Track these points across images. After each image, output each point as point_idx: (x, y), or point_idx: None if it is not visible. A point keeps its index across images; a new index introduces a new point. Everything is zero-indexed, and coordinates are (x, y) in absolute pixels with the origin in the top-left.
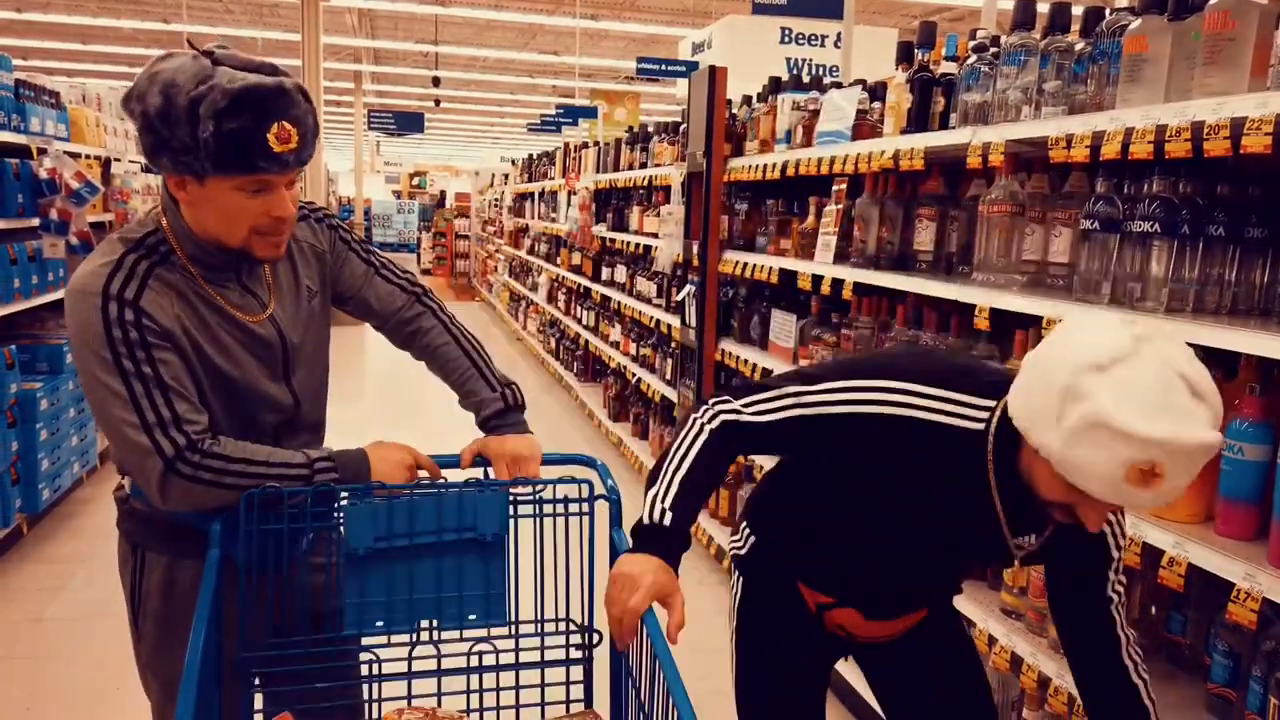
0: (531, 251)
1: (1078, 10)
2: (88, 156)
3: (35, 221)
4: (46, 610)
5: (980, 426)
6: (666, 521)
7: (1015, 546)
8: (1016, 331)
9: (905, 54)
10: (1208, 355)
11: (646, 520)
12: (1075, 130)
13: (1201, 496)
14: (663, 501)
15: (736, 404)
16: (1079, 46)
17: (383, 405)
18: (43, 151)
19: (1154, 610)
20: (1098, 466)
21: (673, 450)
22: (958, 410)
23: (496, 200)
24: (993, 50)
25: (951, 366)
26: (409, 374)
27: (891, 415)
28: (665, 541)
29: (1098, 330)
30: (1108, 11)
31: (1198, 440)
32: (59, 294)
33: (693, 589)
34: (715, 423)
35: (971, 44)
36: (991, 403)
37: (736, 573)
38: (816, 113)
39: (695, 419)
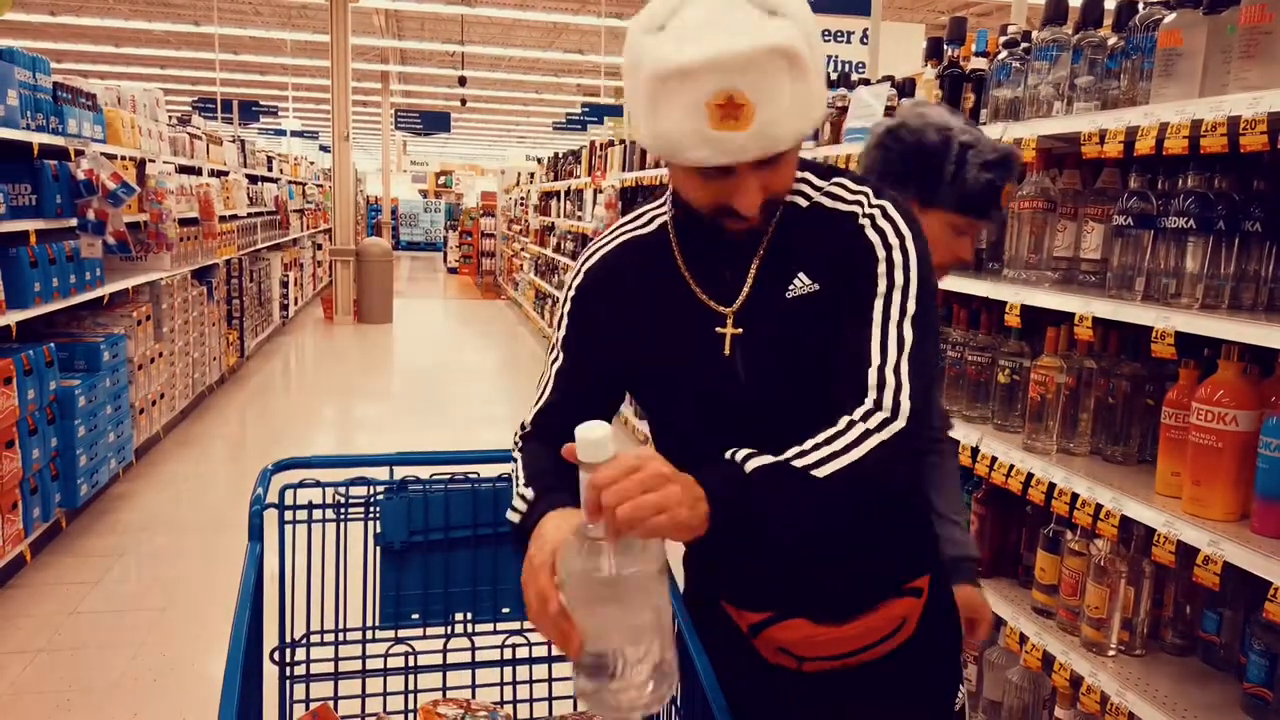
0: (558, 250)
1: (1110, 4)
2: (123, 158)
3: (73, 222)
4: (84, 603)
5: (664, 215)
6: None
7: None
8: (1048, 328)
9: (934, 50)
10: (1244, 352)
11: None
12: (1108, 125)
13: (1238, 494)
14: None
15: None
16: (1112, 41)
17: (412, 403)
18: (80, 153)
19: (1189, 609)
20: (682, 126)
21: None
22: (638, 220)
23: (522, 199)
24: (1024, 45)
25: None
26: (436, 373)
27: (590, 266)
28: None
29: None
30: (1141, 5)
31: (737, 43)
32: (96, 293)
33: None
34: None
35: (1002, 39)
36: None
37: None
38: (844, 109)
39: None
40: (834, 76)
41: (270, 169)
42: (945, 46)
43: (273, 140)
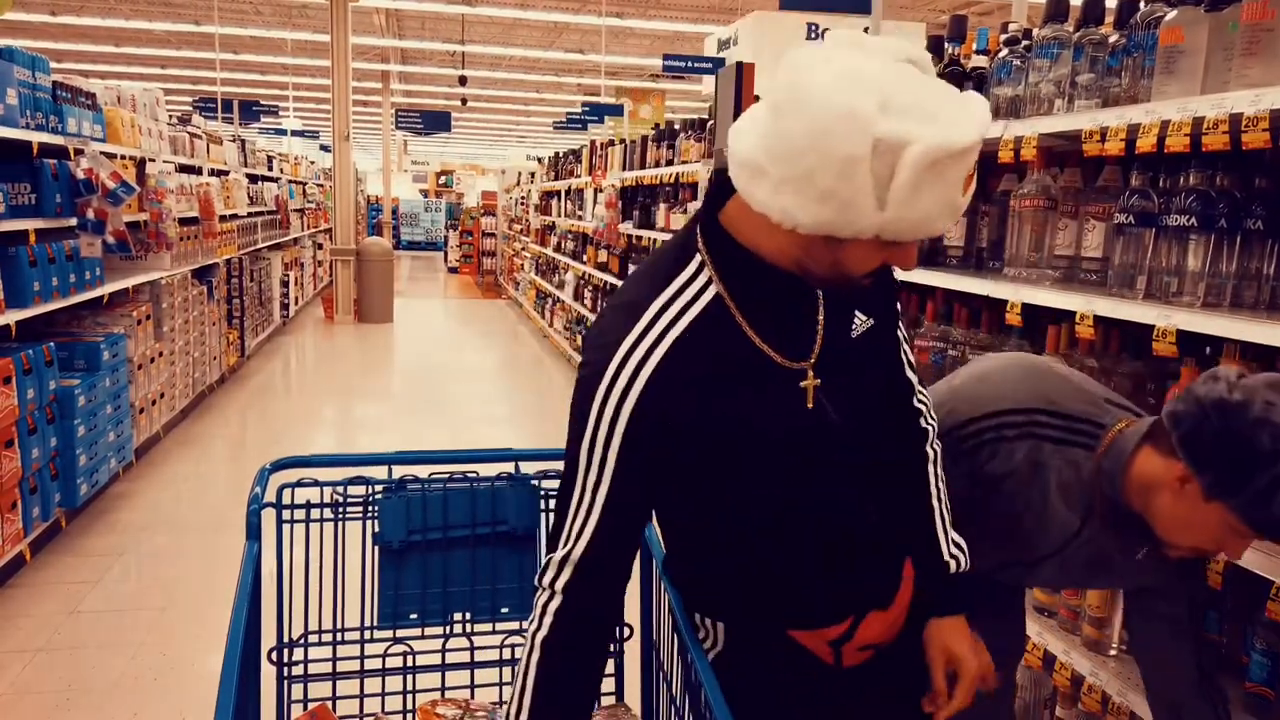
0: (558, 249)
1: (1111, 2)
2: (123, 157)
3: (73, 221)
4: (84, 602)
5: (708, 289)
6: None
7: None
8: (1049, 327)
9: (935, 48)
10: (1245, 350)
11: None
12: (1110, 123)
13: None
14: None
15: (557, 557)
16: (1113, 39)
17: (411, 403)
18: (80, 152)
19: None
20: (942, 200)
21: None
22: (682, 285)
23: (523, 198)
24: (1025, 43)
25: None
26: (437, 373)
27: (649, 379)
28: None
29: (827, 79)
30: (1142, 3)
31: (987, 108)
32: (96, 292)
33: None
34: (543, 619)
35: (1003, 37)
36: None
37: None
38: None
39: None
40: None
41: (271, 168)
42: (946, 45)
43: (273, 140)
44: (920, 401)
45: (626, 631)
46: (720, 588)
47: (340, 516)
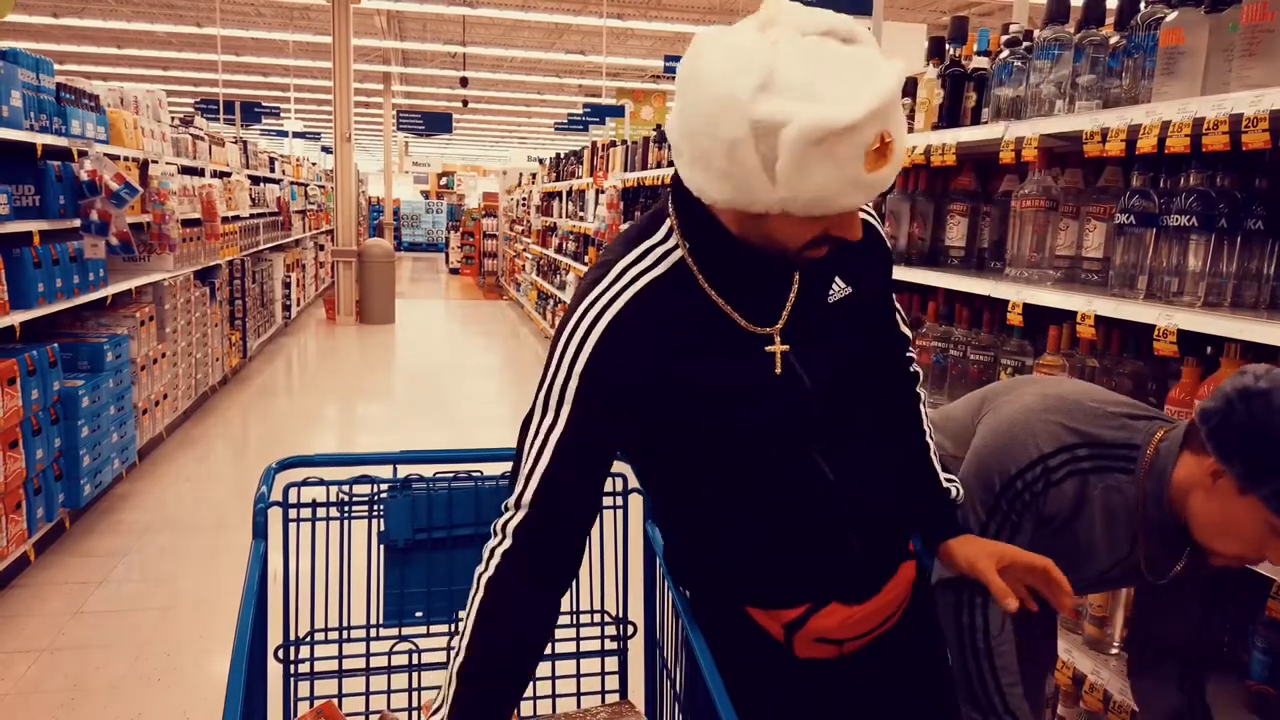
0: (559, 250)
1: (1112, 3)
2: (126, 158)
3: (76, 223)
4: (88, 603)
5: (675, 252)
6: None
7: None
8: (1051, 327)
9: (936, 49)
10: (1246, 350)
11: None
12: (1110, 124)
13: None
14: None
15: (510, 500)
16: (1113, 40)
17: (414, 404)
18: (83, 154)
19: None
20: (838, 178)
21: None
22: (650, 246)
23: (524, 199)
24: (1025, 44)
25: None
26: (439, 373)
27: (609, 324)
28: None
29: (714, 60)
30: (1143, 4)
31: (894, 82)
32: (100, 293)
33: None
34: (489, 560)
35: (1004, 38)
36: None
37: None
38: None
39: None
40: None
41: (273, 170)
42: (947, 46)
43: (275, 141)
44: (910, 353)
45: (630, 629)
46: (682, 552)
47: (346, 515)
